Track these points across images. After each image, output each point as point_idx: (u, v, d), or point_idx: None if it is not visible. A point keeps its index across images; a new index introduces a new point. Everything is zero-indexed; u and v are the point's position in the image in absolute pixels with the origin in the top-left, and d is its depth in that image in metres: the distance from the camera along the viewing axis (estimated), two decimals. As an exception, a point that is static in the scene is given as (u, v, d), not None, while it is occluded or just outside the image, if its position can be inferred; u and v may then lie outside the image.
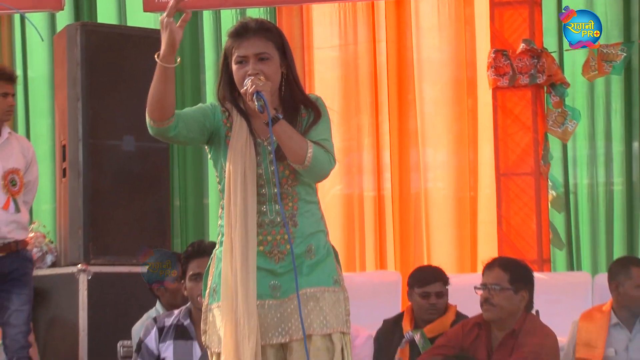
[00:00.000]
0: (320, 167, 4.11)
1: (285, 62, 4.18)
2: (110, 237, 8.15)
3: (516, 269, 6.22)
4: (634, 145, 9.22)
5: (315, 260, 4.19)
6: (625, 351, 6.76)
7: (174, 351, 5.43)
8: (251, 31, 4.15)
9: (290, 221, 4.15)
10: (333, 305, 4.15)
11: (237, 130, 4.18)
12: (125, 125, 8.22)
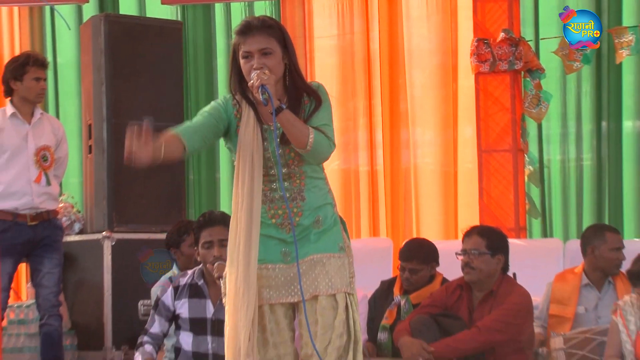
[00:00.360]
0: (321, 151, 4.16)
1: (287, 55, 4.21)
2: (131, 207, 8.19)
3: (492, 236, 6.26)
4: (602, 124, 9.21)
5: (322, 230, 4.24)
6: (595, 310, 6.76)
7: (189, 308, 5.48)
8: (254, 29, 4.18)
9: (298, 196, 4.21)
10: (338, 269, 4.19)
11: (245, 120, 4.24)
12: (145, 106, 8.21)
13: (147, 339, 5.46)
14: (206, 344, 5.51)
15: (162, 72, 8.37)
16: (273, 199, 4.23)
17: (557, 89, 9.32)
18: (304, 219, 4.22)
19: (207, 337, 5.51)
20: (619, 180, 9.14)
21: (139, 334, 5.84)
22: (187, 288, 5.50)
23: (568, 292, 6.86)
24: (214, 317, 5.49)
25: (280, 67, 4.20)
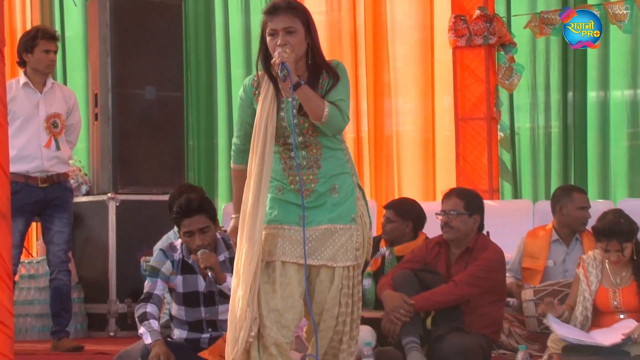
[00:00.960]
0: (335, 123, 4.13)
1: (309, 35, 4.20)
2: (134, 170, 8.19)
3: (470, 197, 6.20)
4: (569, 95, 9.18)
5: (339, 199, 4.21)
6: (563, 263, 6.75)
7: (182, 283, 5.36)
8: (281, 9, 4.17)
9: (314, 164, 4.21)
10: (345, 242, 4.18)
11: (264, 93, 4.23)
12: (147, 77, 8.27)
13: (152, 309, 5.22)
14: (200, 313, 5.39)
15: (164, 45, 8.38)
16: (292, 167, 4.22)
17: (528, 62, 9.29)
18: (319, 185, 4.21)
19: (200, 308, 5.39)
20: (583, 146, 9.10)
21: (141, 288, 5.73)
22: (179, 264, 5.35)
23: (539, 247, 6.86)
24: (206, 290, 5.37)
25: (303, 45, 4.18)
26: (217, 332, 5.35)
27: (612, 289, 5.60)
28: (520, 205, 8.74)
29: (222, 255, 5.37)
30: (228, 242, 5.42)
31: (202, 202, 5.33)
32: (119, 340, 7.54)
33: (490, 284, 5.97)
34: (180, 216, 5.29)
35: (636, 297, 5.52)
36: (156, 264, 5.35)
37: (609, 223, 5.54)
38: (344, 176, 4.24)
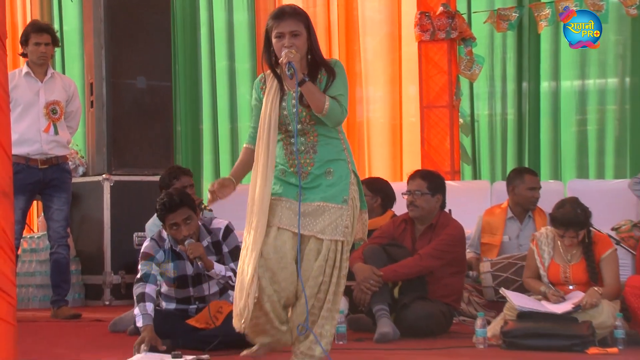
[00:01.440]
0: (334, 115, 4.22)
1: (310, 37, 4.30)
2: (127, 153, 8.16)
3: (433, 178, 6.20)
4: (523, 85, 9.19)
5: (332, 182, 4.27)
6: (517, 238, 6.76)
7: (174, 267, 5.35)
8: (287, 14, 4.29)
9: (311, 150, 4.29)
10: (336, 219, 4.22)
11: (269, 87, 4.37)
12: (139, 68, 8.23)
13: (150, 289, 5.16)
14: (188, 292, 5.40)
15: (153, 38, 8.35)
16: (292, 152, 4.29)
17: (486, 54, 9.31)
18: (315, 169, 4.28)
19: (189, 288, 5.39)
20: (536, 132, 9.11)
21: (133, 261, 5.72)
22: (169, 252, 5.34)
23: (495, 224, 6.87)
24: (194, 273, 5.36)
25: (306, 46, 4.28)
26: (204, 303, 5.36)
27: (563, 264, 5.60)
28: (479, 185, 8.77)
29: (205, 241, 5.35)
30: (209, 227, 5.42)
31: (182, 196, 5.29)
32: (113, 308, 7.54)
33: (451, 257, 6.00)
34: (165, 212, 5.24)
35: (585, 272, 5.53)
36: (150, 251, 5.32)
37: (567, 214, 5.53)
38: (339, 162, 4.31)
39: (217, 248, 5.35)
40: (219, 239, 5.38)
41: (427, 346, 5.29)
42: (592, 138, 9.00)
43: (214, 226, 5.41)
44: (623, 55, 8.85)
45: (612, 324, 5.29)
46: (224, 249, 5.36)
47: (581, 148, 9.02)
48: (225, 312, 5.18)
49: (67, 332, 6.19)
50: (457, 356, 4.91)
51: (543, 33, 9.01)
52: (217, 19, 10.08)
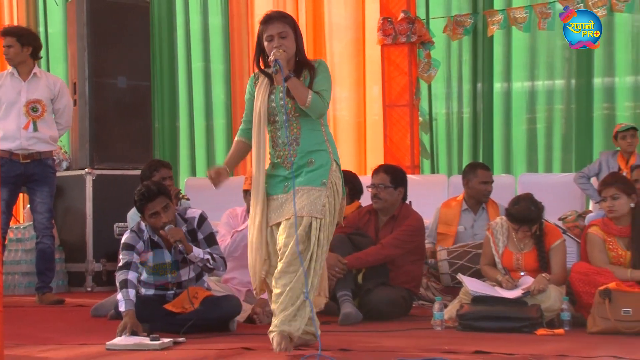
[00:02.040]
0: (317, 107, 4.36)
1: (296, 38, 4.46)
2: (108, 149, 8.10)
3: (395, 172, 6.21)
4: (478, 85, 9.23)
5: (313, 169, 4.40)
6: (472, 228, 6.77)
7: (153, 257, 5.31)
8: (274, 18, 4.44)
9: (294, 142, 4.43)
10: (315, 199, 4.34)
11: (259, 83, 4.53)
12: (119, 68, 8.18)
13: (132, 276, 5.08)
14: (166, 279, 5.35)
15: (133, 40, 8.30)
16: (278, 144, 4.46)
17: (444, 57, 9.34)
18: (297, 159, 4.41)
19: (167, 275, 5.34)
20: (490, 129, 9.17)
21: (114, 250, 5.68)
22: (148, 241, 5.30)
23: (451, 215, 6.88)
24: (172, 260, 5.32)
25: (294, 46, 4.45)
26: (181, 289, 5.33)
27: (516, 252, 5.63)
28: (437, 179, 8.80)
29: (183, 228, 5.31)
30: (184, 216, 5.39)
31: (158, 186, 5.26)
32: (95, 294, 7.49)
33: (412, 246, 6.01)
34: (144, 202, 5.18)
35: (535, 260, 5.57)
36: (131, 242, 5.26)
37: (522, 212, 5.55)
38: (321, 152, 4.42)
39: (193, 235, 5.33)
40: (194, 227, 5.35)
41: (388, 328, 5.29)
42: (541, 135, 9.06)
43: (188, 215, 5.38)
44: (569, 58, 8.91)
45: (558, 307, 5.33)
46: (199, 235, 5.34)
47: (531, 144, 9.08)
48: (201, 297, 5.17)
49: (51, 317, 6.14)
50: (417, 337, 4.92)
51: (495, 38, 9.06)
52: (193, 22, 10.04)
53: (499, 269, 5.66)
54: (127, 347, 4.52)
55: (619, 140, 7.48)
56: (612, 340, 4.80)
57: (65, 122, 7.17)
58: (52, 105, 7.03)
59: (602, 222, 5.52)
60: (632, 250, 5.38)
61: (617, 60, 8.72)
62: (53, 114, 7.06)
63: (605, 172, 7.16)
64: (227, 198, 7.31)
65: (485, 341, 4.66)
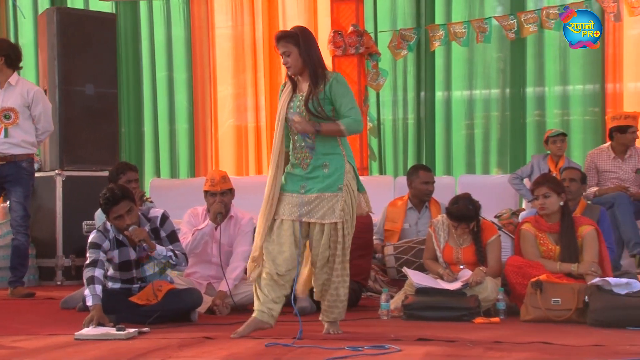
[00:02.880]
0: (353, 130, 4.47)
1: (305, 50, 4.49)
2: (77, 152, 8.00)
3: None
4: (421, 94, 9.29)
5: (329, 173, 4.46)
6: (415, 225, 6.79)
7: (118, 255, 5.27)
8: (278, 39, 4.55)
9: (311, 146, 4.47)
10: (333, 205, 4.45)
11: (284, 91, 4.64)
12: (87, 76, 8.08)
13: (99, 273, 5.02)
14: (132, 274, 5.31)
15: (101, 50, 8.21)
16: (296, 147, 4.53)
17: (390, 67, 9.36)
18: (313, 161, 4.48)
19: (132, 270, 5.30)
20: (432, 134, 9.23)
21: (83, 246, 5.59)
22: (114, 241, 5.25)
23: (397, 213, 6.90)
24: (136, 257, 5.29)
25: (299, 61, 4.50)
26: (145, 283, 5.29)
27: (456, 247, 5.68)
28: (384, 180, 8.81)
29: (146, 227, 5.26)
30: (147, 216, 5.34)
31: (122, 190, 5.18)
32: (64, 288, 7.39)
33: (361, 242, 5.97)
34: (109, 205, 5.12)
35: (474, 255, 5.62)
36: (97, 241, 5.20)
37: (460, 210, 5.60)
38: (335, 156, 4.47)
39: (156, 233, 5.29)
40: (157, 225, 5.31)
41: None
42: (478, 140, 9.13)
43: (151, 215, 5.34)
44: (504, 70, 9.00)
45: (494, 297, 5.37)
46: (161, 233, 5.30)
47: (469, 148, 9.14)
48: (164, 290, 5.14)
49: (22, 309, 6.05)
50: (365, 326, 4.93)
51: (437, 51, 9.11)
52: (157, 33, 9.97)
53: (440, 262, 5.70)
54: (94, 337, 4.48)
55: (550, 145, 7.56)
56: (543, 327, 4.85)
57: (43, 127, 7.04)
58: (28, 111, 6.91)
59: (534, 219, 5.58)
60: (561, 245, 5.45)
61: (547, 72, 8.83)
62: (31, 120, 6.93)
63: (537, 174, 7.23)
64: (188, 198, 7.28)
65: (427, 329, 4.69)
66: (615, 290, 4.90)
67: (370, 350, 4.00)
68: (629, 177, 7.25)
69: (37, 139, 7.01)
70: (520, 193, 7.81)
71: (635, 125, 7.26)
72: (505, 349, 4.08)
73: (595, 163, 7.37)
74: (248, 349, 4.10)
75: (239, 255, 5.82)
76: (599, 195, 7.07)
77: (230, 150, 9.78)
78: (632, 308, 4.78)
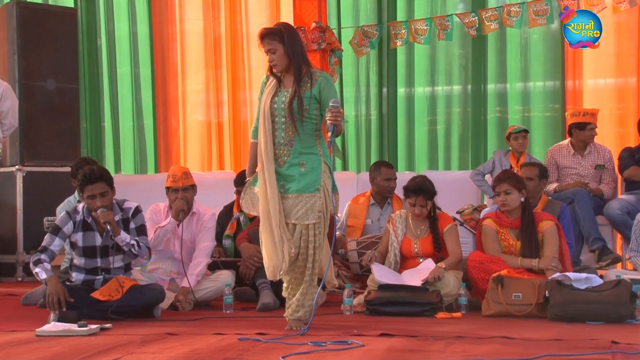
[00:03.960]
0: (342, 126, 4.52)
1: (290, 47, 4.50)
2: (38, 147, 7.95)
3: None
4: (384, 90, 9.29)
5: (305, 172, 4.48)
6: (378, 221, 6.83)
7: (82, 238, 5.25)
8: (262, 37, 4.54)
9: (288, 142, 4.50)
10: (311, 206, 4.47)
11: (267, 86, 4.63)
12: (48, 71, 8.03)
13: (45, 257, 5.12)
14: (96, 262, 5.28)
15: (61, 45, 8.16)
16: (275, 143, 4.53)
17: (353, 64, 9.35)
18: (290, 159, 4.50)
19: (97, 258, 5.28)
20: (394, 130, 9.24)
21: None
22: (80, 223, 5.23)
23: (360, 209, 6.93)
24: (102, 244, 5.27)
25: (284, 58, 4.51)
26: (110, 275, 5.27)
27: (414, 239, 5.73)
28: (347, 175, 8.81)
29: (117, 216, 5.27)
30: (122, 206, 5.34)
31: (102, 172, 5.26)
32: (25, 284, 7.33)
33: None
34: (85, 183, 5.18)
35: (431, 245, 5.68)
36: (60, 224, 5.21)
37: (417, 183, 5.70)
38: (312, 155, 4.50)
39: (125, 224, 5.29)
40: (128, 216, 5.32)
41: (302, 313, 5.29)
42: (440, 136, 9.17)
43: (125, 205, 5.36)
44: (465, 66, 9.05)
45: (456, 292, 5.42)
46: (131, 224, 5.29)
47: (432, 144, 9.18)
48: (127, 286, 5.11)
49: (-18, 306, 5.98)
50: (328, 321, 4.94)
51: (399, 47, 9.14)
52: (120, 28, 9.88)
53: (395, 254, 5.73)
54: (56, 334, 4.45)
55: (512, 141, 7.62)
56: (504, 322, 4.89)
57: (9, 123, 7.00)
58: None
59: (495, 215, 5.63)
60: (521, 241, 5.50)
61: (508, 68, 8.89)
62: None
63: (498, 170, 7.29)
64: (150, 194, 7.23)
65: (390, 324, 4.71)
66: (575, 285, 4.96)
67: (333, 346, 4.01)
68: (589, 173, 7.34)
69: (2, 135, 6.94)
70: (482, 189, 7.86)
71: (594, 122, 7.35)
72: (467, 343, 4.11)
73: (555, 159, 7.44)
74: (210, 345, 4.10)
75: (202, 251, 5.81)
76: (559, 191, 7.14)
77: (196, 143, 9.73)
78: (591, 303, 4.84)
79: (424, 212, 5.69)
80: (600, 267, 6.60)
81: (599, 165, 7.33)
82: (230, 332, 4.43)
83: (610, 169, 7.35)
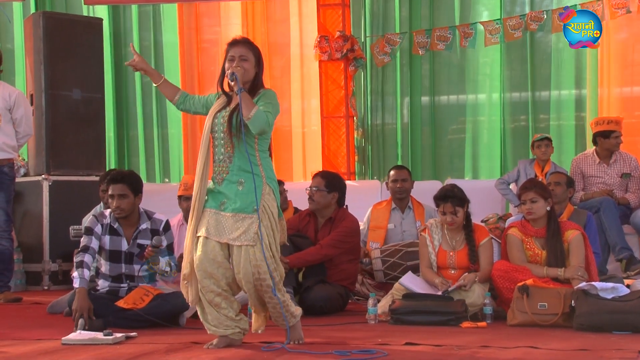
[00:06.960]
0: (259, 122, 4.22)
1: (257, 66, 4.40)
2: (64, 157, 7.98)
3: (331, 178, 6.20)
4: (406, 99, 9.32)
5: (243, 191, 4.28)
6: (400, 225, 6.79)
7: (109, 242, 5.30)
8: (240, 42, 4.40)
9: (227, 159, 4.33)
10: (248, 227, 4.24)
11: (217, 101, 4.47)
12: (74, 81, 8.07)
13: (88, 258, 5.13)
14: (120, 268, 5.33)
15: (87, 55, 8.20)
16: (215, 160, 4.37)
17: (378, 74, 9.37)
18: (230, 176, 4.31)
19: (122, 264, 5.33)
20: (417, 138, 9.25)
21: (70, 251, 5.62)
22: (107, 227, 5.29)
23: (382, 213, 6.88)
24: (127, 250, 5.32)
25: (252, 70, 4.38)
26: (134, 283, 5.31)
27: (449, 250, 5.66)
28: (371, 184, 8.85)
29: (145, 224, 5.34)
30: (151, 215, 5.39)
31: (127, 175, 5.35)
32: (51, 292, 7.37)
33: (347, 247, 6.02)
34: (109, 182, 5.33)
35: (467, 257, 5.60)
36: (90, 225, 5.29)
37: (444, 190, 5.63)
38: (252, 175, 4.26)
39: (155, 234, 5.32)
40: (159, 228, 5.35)
41: (327, 322, 5.30)
42: (467, 144, 9.20)
43: (155, 216, 5.39)
44: (490, 75, 9.04)
45: (481, 302, 5.38)
46: (163, 242, 5.28)
47: (457, 153, 9.20)
48: (151, 295, 5.14)
49: (9, 314, 6.02)
50: (352, 331, 4.93)
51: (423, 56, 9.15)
52: (145, 38, 9.96)
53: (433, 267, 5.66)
54: (81, 342, 4.47)
55: (535, 149, 7.59)
56: (529, 331, 4.86)
57: (24, 130, 7.01)
58: (9, 114, 6.88)
59: (520, 224, 5.59)
60: (547, 250, 5.47)
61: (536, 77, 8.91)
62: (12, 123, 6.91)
63: (523, 179, 7.26)
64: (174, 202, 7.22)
65: (414, 333, 4.69)
66: (601, 294, 4.92)
67: (358, 355, 4.01)
68: (615, 182, 7.29)
69: (17, 143, 6.98)
70: (507, 198, 7.83)
71: (619, 130, 7.30)
72: (492, 353, 4.09)
73: (580, 168, 7.40)
74: (235, 354, 4.10)
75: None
76: (585, 200, 7.10)
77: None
78: (618, 312, 4.80)
79: (455, 220, 5.59)
80: (627, 276, 6.55)
81: (625, 173, 7.28)
82: (255, 340, 4.44)
83: (637, 177, 7.30)
